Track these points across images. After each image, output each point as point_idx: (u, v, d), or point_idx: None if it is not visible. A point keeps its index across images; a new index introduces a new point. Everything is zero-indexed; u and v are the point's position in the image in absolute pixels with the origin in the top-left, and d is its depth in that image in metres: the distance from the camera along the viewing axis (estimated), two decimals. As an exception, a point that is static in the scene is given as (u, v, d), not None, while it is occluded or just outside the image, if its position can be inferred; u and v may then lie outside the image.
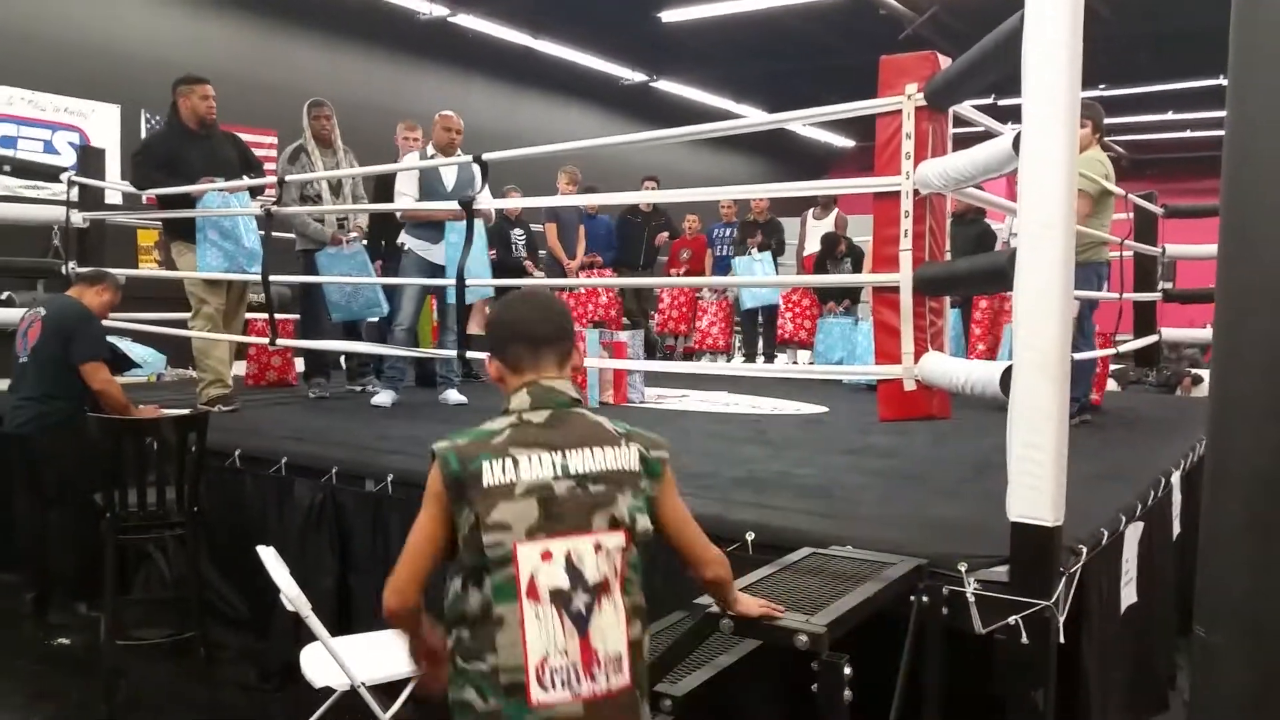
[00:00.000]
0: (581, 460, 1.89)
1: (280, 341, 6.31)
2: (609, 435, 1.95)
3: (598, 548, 1.85)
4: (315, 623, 2.88)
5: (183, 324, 6.26)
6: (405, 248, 6.26)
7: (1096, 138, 5.72)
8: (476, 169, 5.27)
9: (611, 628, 1.85)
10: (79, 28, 9.50)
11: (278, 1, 11.14)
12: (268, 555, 2.97)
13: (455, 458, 1.89)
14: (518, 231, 8.71)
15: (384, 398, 6.25)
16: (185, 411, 4.74)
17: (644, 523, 1.92)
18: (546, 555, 1.83)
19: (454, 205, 5.45)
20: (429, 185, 6.16)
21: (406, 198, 6.17)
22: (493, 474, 1.85)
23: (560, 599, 1.82)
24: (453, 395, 6.37)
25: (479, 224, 5.44)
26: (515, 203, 7.16)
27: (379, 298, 6.26)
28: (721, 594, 2.19)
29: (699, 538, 2.08)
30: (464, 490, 1.86)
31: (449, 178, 6.21)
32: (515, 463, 1.87)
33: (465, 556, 1.87)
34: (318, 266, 6.22)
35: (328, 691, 2.94)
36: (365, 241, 6.52)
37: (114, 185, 7.01)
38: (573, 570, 1.83)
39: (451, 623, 1.92)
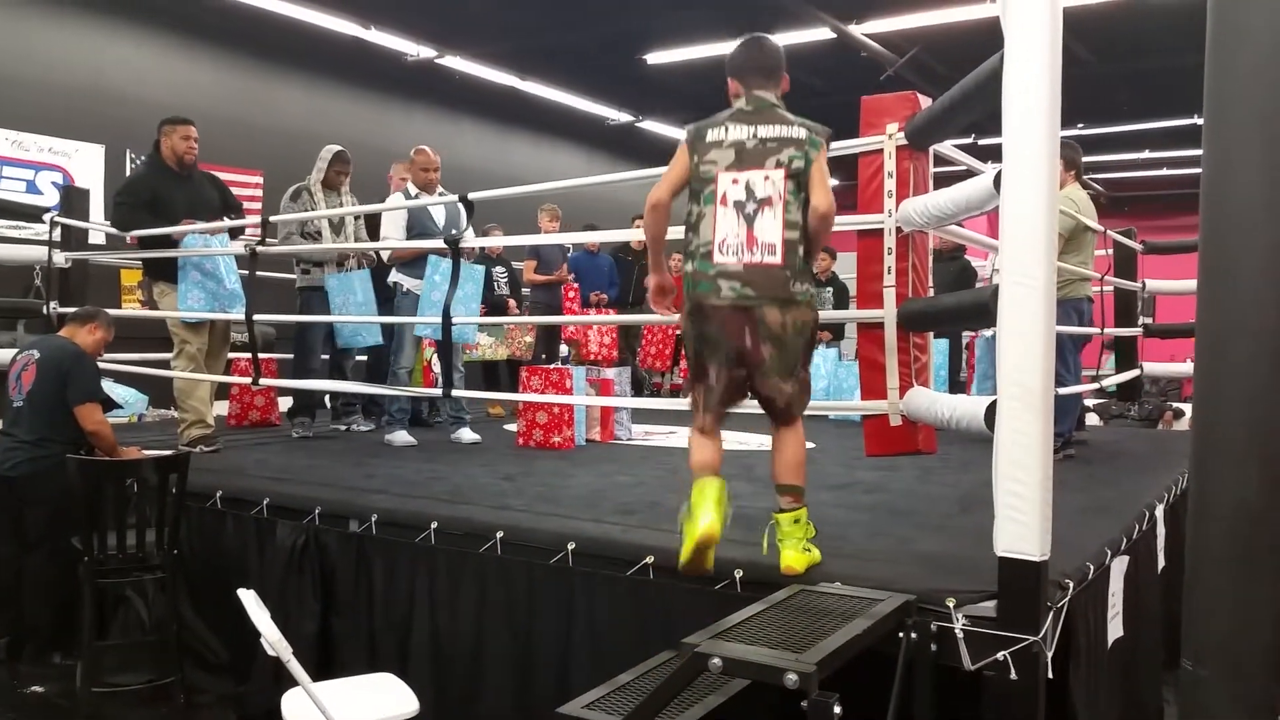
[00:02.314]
0: (766, 130, 3.00)
1: (264, 381, 6.27)
2: (786, 119, 3.03)
3: (766, 178, 2.94)
4: (297, 667, 2.83)
5: (165, 364, 6.21)
6: (404, 289, 6.23)
7: (1071, 175, 5.81)
8: (461, 207, 5.28)
9: (770, 227, 2.92)
10: (65, 68, 9.52)
11: (266, 43, 11.18)
12: (248, 598, 2.92)
13: (693, 128, 3.12)
14: (499, 269, 8.73)
15: (402, 436, 6.16)
16: (167, 452, 4.69)
17: (798, 165, 2.94)
18: (735, 181, 2.97)
19: (441, 243, 5.46)
20: (420, 223, 6.18)
21: (391, 240, 6.19)
22: (714, 135, 3.05)
23: (739, 206, 2.95)
24: (466, 434, 6.28)
25: (467, 262, 5.46)
26: (501, 240, 7.19)
27: (373, 326, 6.30)
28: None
29: (818, 195, 2.94)
30: (695, 145, 3.09)
31: (438, 214, 6.24)
32: (727, 130, 3.04)
33: (693, 183, 3.08)
34: (327, 288, 6.25)
35: (310, 737, 2.89)
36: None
37: (97, 225, 6.99)
38: (749, 190, 2.95)
39: (687, 229, 3.09)
